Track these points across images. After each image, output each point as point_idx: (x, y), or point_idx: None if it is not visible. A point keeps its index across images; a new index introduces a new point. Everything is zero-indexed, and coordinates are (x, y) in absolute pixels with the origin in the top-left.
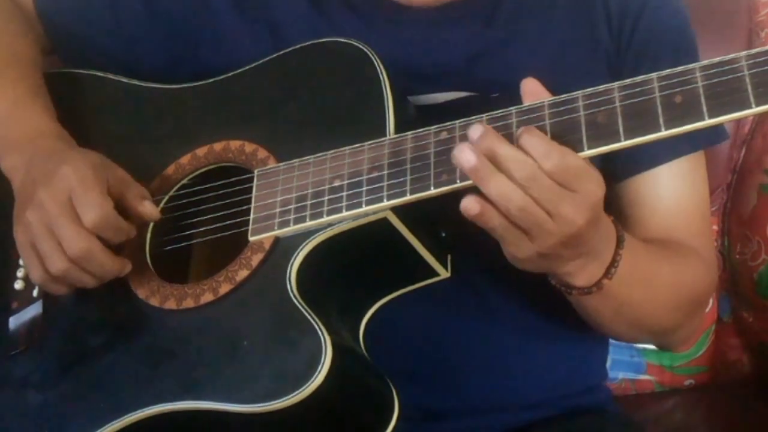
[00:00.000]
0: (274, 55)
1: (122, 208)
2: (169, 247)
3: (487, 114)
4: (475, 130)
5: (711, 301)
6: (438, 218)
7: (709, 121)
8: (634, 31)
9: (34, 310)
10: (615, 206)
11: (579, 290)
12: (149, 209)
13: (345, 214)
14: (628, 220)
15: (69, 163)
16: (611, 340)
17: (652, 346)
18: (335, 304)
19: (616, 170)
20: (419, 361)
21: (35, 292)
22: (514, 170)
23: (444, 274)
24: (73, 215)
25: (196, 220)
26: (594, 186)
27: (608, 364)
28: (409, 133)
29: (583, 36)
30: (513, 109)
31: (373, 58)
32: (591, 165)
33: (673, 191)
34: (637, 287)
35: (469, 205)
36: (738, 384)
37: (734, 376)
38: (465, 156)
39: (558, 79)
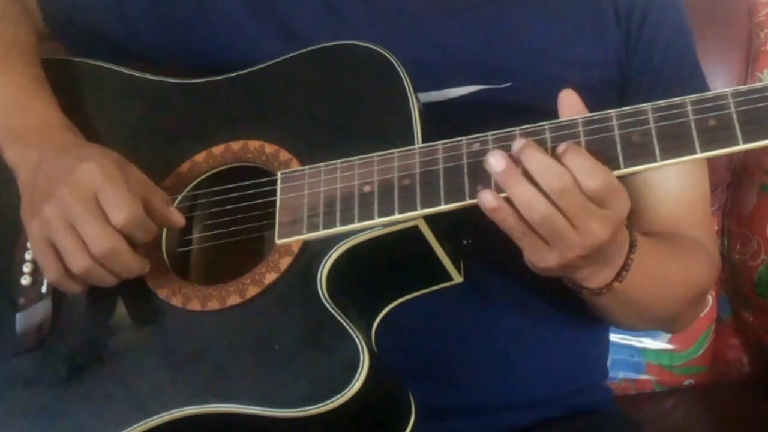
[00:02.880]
0: (292, 54)
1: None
2: (184, 248)
3: (519, 128)
4: (517, 143)
5: (711, 300)
6: (463, 226)
7: (743, 146)
8: (643, 24)
9: (43, 307)
10: None
11: (590, 291)
12: (177, 215)
13: (377, 220)
14: (635, 211)
15: (92, 160)
16: (612, 340)
17: (652, 346)
18: (355, 308)
19: None
20: (423, 359)
21: (44, 289)
22: (548, 180)
23: (458, 279)
24: (99, 213)
25: (211, 221)
26: (623, 204)
27: (608, 363)
28: (439, 142)
29: (592, 27)
30: (546, 124)
31: (396, 64)
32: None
33: (679, 184)
34: (646, 285)
35: (487, 198)
36: (738, 384)
37: (734, 376)
38: (495, 159)
39: (566, 67)
